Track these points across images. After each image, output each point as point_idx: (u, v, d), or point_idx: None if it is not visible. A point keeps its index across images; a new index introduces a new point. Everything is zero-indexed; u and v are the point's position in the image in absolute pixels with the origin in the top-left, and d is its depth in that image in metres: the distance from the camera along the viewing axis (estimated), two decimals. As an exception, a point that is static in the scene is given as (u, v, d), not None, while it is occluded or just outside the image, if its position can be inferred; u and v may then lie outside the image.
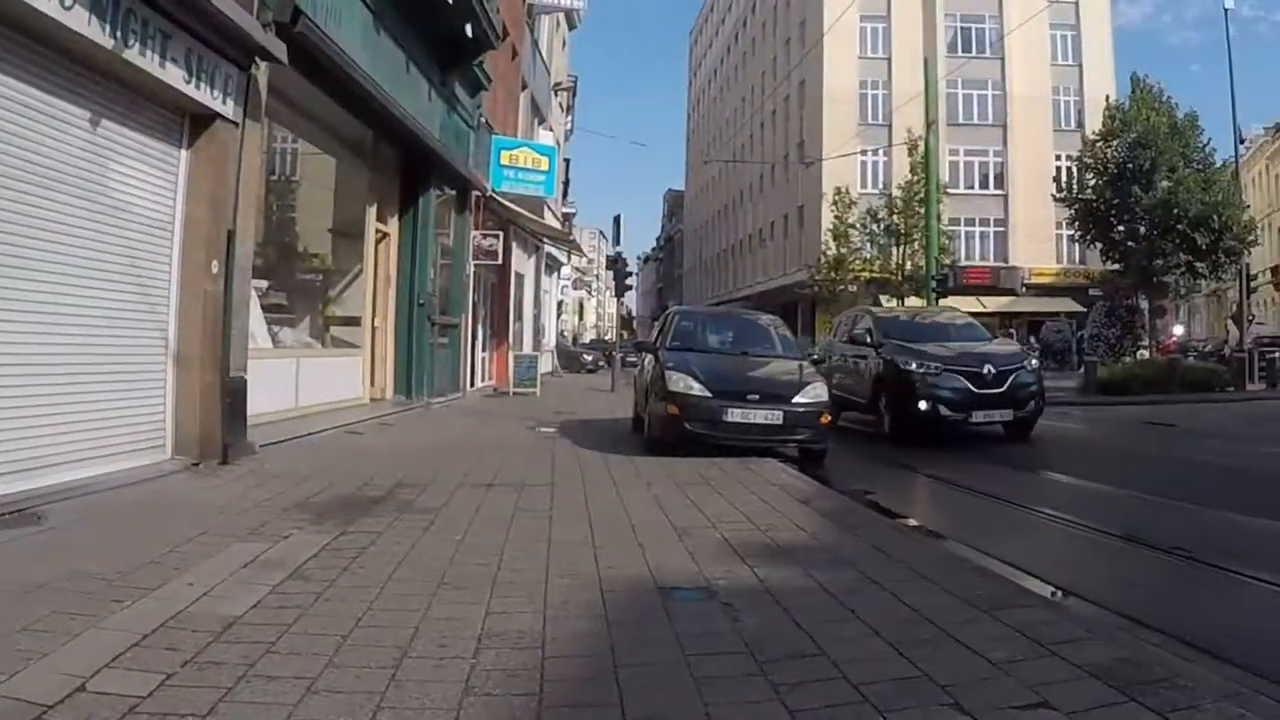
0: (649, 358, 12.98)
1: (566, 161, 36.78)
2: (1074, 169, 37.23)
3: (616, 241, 31.22)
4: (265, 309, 11.70)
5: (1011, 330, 34.54)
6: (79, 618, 4.02)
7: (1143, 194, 31.43)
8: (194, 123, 8.64)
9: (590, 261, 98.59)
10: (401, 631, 4.04)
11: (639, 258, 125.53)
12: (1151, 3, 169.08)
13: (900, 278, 39.42)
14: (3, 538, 5.45)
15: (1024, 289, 49.13)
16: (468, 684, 3.46)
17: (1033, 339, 30.43)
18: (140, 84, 7.70)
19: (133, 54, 7.18)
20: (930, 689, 3.47)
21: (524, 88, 27.55)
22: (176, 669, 3.49)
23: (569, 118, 42.79)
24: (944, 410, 13.36)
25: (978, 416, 13.43)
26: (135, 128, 7.90)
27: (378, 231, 15.49)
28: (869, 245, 42.09)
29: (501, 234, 22.66)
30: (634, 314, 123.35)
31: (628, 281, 31.08)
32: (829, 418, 11.09)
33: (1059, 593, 5.54)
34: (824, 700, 3.36)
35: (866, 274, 41.98)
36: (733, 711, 3.27)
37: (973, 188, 50.34)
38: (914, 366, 13.70)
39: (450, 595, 4.65)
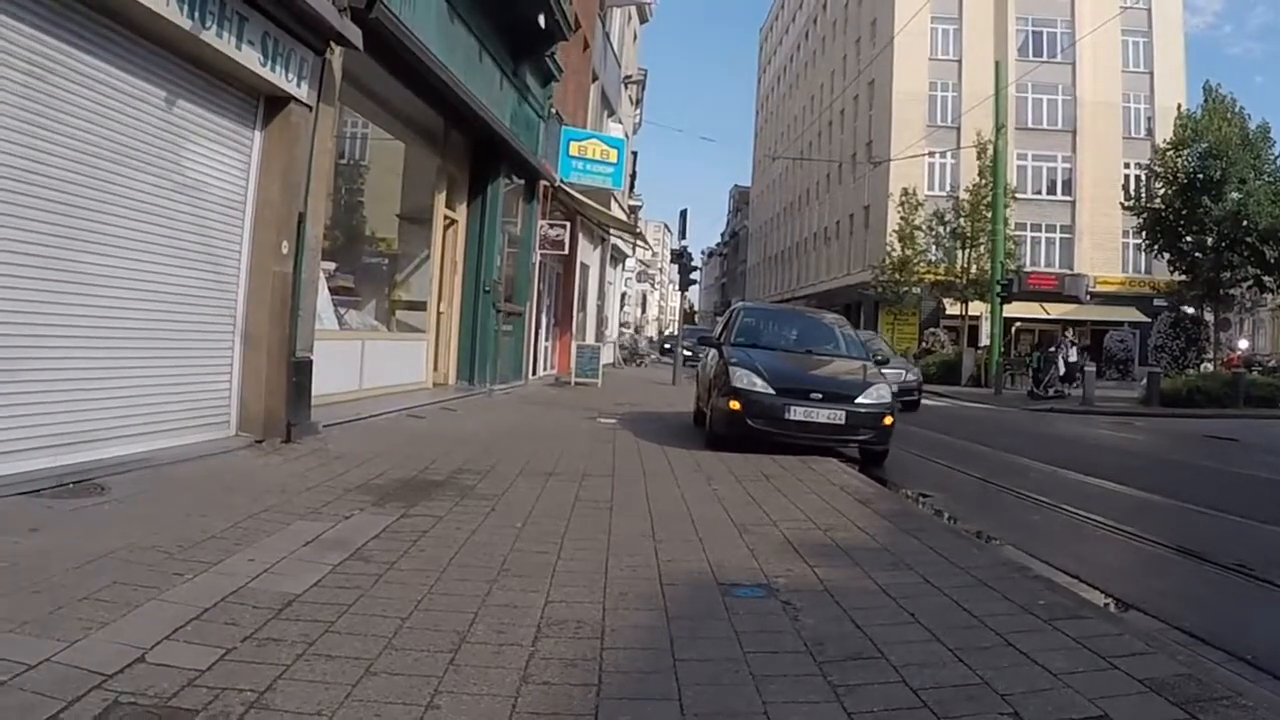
0: (712, 352, 12.90)
1: (634, 154, 36.72)
2: (1143, 177, 36.73)
3: (682, 235, 31.12)
4: (332, 291, 11.80)
5: (1074, 339, 34.05)
6: (140, 589, 4.05)
7: (1212, 205, 30.96)
8: (268, 104, 8.71)
9: (655, 255, 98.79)
10: (461, 616, 4.04)
11: (703, 252, 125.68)
12: (1213, 12, 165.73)
13: (965, 281, 38.97)
14: (66, 507, 5.53)
15: (1088, 297, 48.30)
16: (526, 671, 3.45)
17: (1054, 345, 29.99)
18: (217, 65, 7.78)
19: (210, 35, 7.25)
20: (989, 696, 3.44)
21: (594, 80, 27.54)
22: (236, 644, 3.51)
23: (638, 111, 42.76)
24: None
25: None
26: (210, 108, 7.97)
27: (446, 218, 15.57)
28: (934, 248, 41.66)
29: (568, 224, 22.68)
30: (696, 308, 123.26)
31: (691, 276, 31.00)
32: (892, 419, 10.95)
33: (1119, 605, 5.49)
34: (883, 704, 3.33)
35: (931, 276, 41.55)
36: (791, 711, 3.24)
37: (1040, 193, 49.56)
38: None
39: (510, 582, 4.64)
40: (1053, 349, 29.81)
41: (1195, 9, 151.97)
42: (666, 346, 46.46)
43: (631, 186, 37.31)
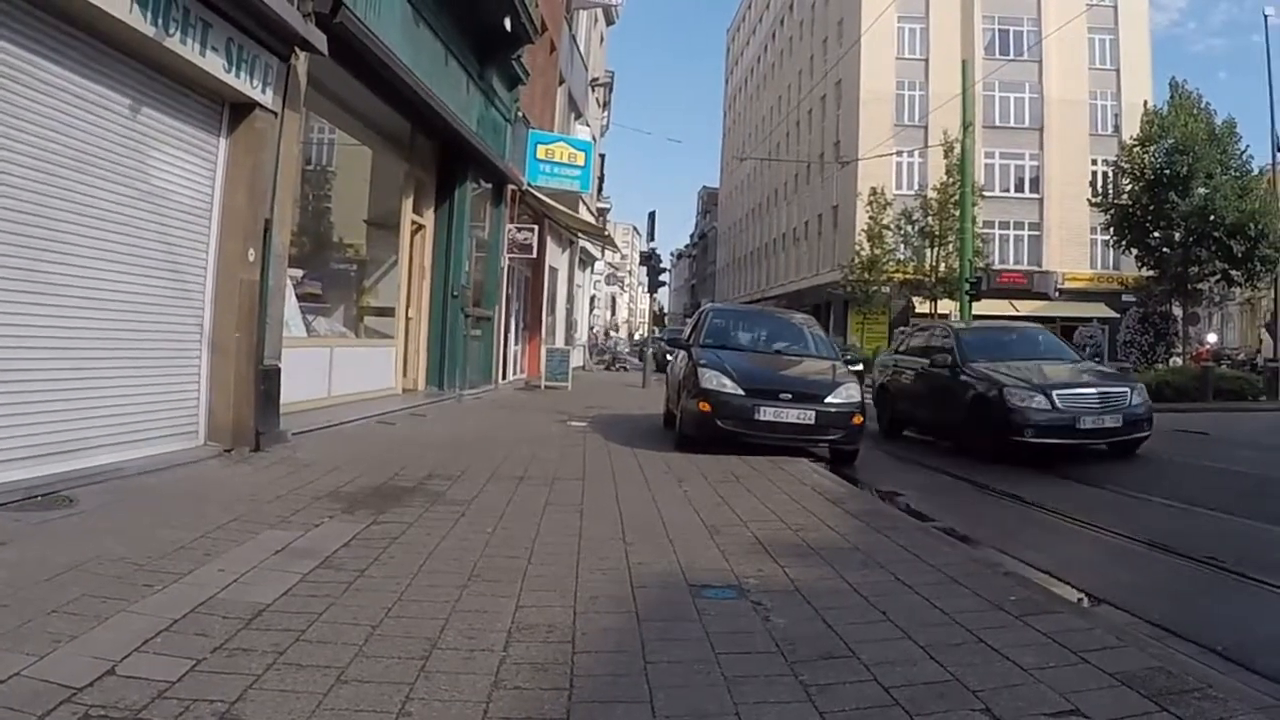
0: (682, 354, 12.92)
1: (602, 157, 36.75)
2: (1110, 174, 37.03)
3: (650, 238, 31.29)
4: (300, 298, 11.75)
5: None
6: (109, 601, 4.03)
7: (1179, 200, 31.28)
8: (233, 111, 8.66)
9: (624, 257, 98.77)
10: (431, 623, 4.03)
11: (672, 254, 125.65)
12: (1177, 9, 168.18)
13: (934, 280, 39.17)
14: (34, 520, 5.48)
15: (1057, 293, 48.61)
16: (497, 677, 3.45)
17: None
18: (181, 72, 7.73)
19: (174, 42, 7.21)
20: (961, 693, 3.45)
21: (561, 82, 27.52)
22: (206, 655, 3.50)
23: (605, 113, 42.78)
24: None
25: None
26: (175, 115, 7.91)
27: (413, 223, 15.52)
28: (903, 246, 41.86)
29: (536, 228, 22.67)
30: (666, 310, 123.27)
31: (661, 278, 31.05)
32: (861, 418, 11.00)
33: (1091, 599, 5.51)
34: (854, 702, 3.35)
35: (900, 275, 41.74)
36: (763, 711, 3.25)
37: (1008, 191, 49.87)
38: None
39: (481, 588, 4.65)
40: None
41: (1160, 6, 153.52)
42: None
43: (599, 189, 37.34)
